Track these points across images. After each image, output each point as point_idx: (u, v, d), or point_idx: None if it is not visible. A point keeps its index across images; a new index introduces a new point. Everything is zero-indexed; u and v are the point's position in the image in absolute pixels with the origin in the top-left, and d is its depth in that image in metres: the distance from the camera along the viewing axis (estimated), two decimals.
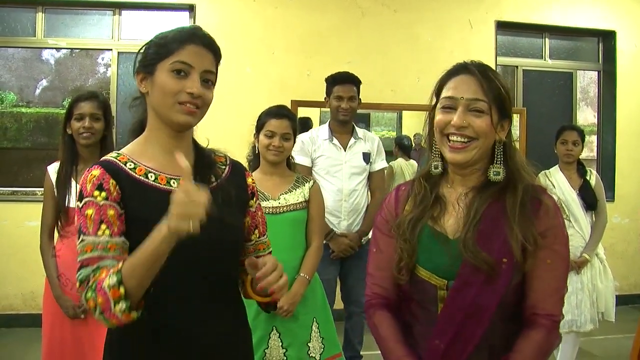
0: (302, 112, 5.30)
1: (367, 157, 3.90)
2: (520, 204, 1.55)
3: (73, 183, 2.86)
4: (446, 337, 1.54)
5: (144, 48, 1.55)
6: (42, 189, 2.96)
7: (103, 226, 1.40)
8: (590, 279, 4.05)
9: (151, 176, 1.50)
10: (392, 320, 1.68)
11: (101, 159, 1.52)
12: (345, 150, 3.86)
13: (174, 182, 1.51)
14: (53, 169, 2.92)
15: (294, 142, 2.94)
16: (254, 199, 1.72)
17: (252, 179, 1.73)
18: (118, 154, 1.53)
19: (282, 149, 2.83)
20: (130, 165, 1.50)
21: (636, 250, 6.22)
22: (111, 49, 5.59)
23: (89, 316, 2.79)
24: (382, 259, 1.70)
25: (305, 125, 5.56)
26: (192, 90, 1.46)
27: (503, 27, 6.15)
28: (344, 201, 3.77)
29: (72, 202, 2.83)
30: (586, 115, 7.19)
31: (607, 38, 6.46)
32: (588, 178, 4.15)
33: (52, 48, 5.75)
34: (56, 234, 2.93)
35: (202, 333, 1.51)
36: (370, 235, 3.85)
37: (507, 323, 1.57)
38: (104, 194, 1.42)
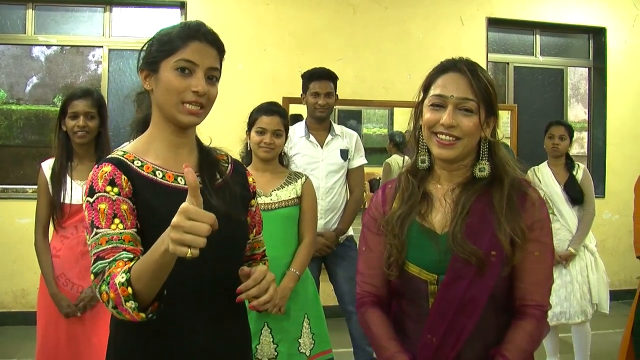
0: (293, 109, 5.29)
1: (344, 153, 3.82)
2: (507, 197, 1.57)
3: (68, 179, 2.85)
4: (438, 331, 1.56)
5: (147, 45, 1.53)
6: (33, 187, 2.95)
7: (116, 220, 1.38)
8: (579, 271, 4.09)
9: (159, 174, 1.49)
10: (384, 317, 1.70)
11: (109, 157, 1.50)
12: (322, 148, 3.79)
13: (180, 180, 1.50)
14: (47, 166, 2.90)
15: (286, 139, 2.94)
16: (255, 198, 1.73)
17: (253, 179, 1.73)
18: (124, 152, 1.51)
19: (273, 145, 2.82)
20: (137, 163, 1.48)
21: (627, 246, 6.25)
22: (102, 46, 5.58)
23: (85, 314, 2.79)
24: (372, 257, 1.71)
25: (297, 122, 5.55)
26: (197, 89, 1.45)
27: (494, 23, 6.17)
28: (320, 199, 3.66)
29: (68, 198, 2.82)
30: (577, 112, 7.21)
31: (598, 35, 6.50)
32: (575, 173, 4.19)
33: (43, 45, 5.72)
34: (51, 231, 2.91)
35: (208, 334, 1.51)
36: (349, 232, 3.85)
37: (497, 315, 1.60)
38: (116, 189, 1.41)
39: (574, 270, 4.08)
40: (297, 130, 3.84)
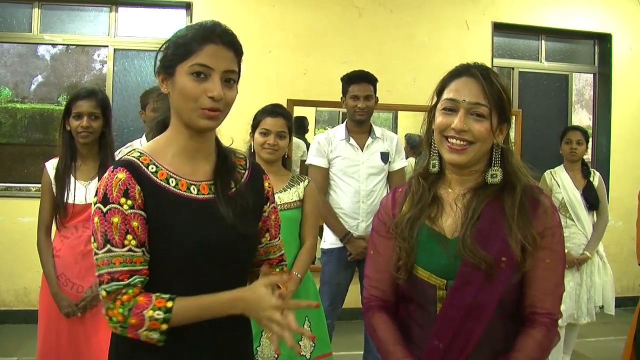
0: (297, 111, 5.29)
1: (385, 156, 3.80)
2: (519, 204, 1.56)
3: (72, 179, 2.85)
4: (445, 337, 1.55)
5: (163, 47, 1.51)
6: (36, 185, 2.95)
7: (129, 236, 1.39)
8: (589, 275, 4.21)
9: (172, 181, 1.47)
10: (390, 322, 1.69)
11: (123, 159, 1.48)
12: (362, 151, 3.77)
13: (193, 189, 1.49)
14: (51, 165, 2.90)
15: (290, 141, 2.93)
16: (269, 203, 1.69)
17: (269, 183, 1.71)
18: (140, 153, 1.49)
19: (277, 147, 2.83)
20: (152, 168, 1.46)
21: (629, 252, 6.23)
22: (107, 46, 5.57)
23: (86, 314, 2.79)
24: (380, 261, 1.70)
25: (301, 124, 5.56)
26: (212, 94, 1.42)
27: (499, 28, 6.15)
28: (361, 202, 3.69)
29: (71, 198, 2.82)
30: (581, 118, 7.19)
31: (603, 41, 6.48)
32: (591, 179, 4.29)
33: (48, 44, 5.72)
34: (54, 230, 2.91)
35: (210, 335, 1.51)
36: None
37: (506, 322, 1.58)
38: (130, 202, 1.40)
39: (584, 274, 4.21)
40: (337, 133, 3.82)
